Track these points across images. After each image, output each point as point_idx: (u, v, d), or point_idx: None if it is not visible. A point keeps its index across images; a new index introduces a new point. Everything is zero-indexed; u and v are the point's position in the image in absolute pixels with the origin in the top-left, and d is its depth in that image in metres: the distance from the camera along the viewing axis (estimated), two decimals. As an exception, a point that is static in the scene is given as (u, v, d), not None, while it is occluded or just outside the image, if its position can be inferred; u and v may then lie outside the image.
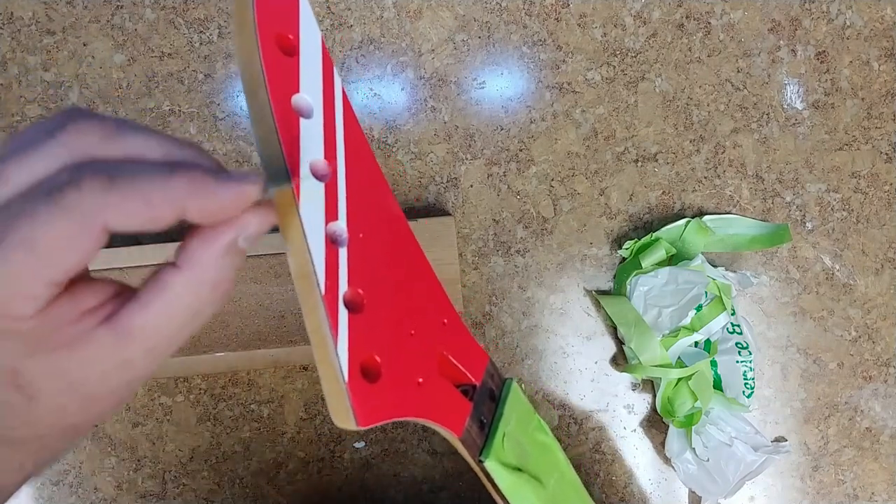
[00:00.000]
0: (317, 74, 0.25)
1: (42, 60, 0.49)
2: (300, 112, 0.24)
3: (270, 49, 0.24)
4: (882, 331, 0.52)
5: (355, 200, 0.25)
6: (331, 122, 0.25)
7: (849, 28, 0.52)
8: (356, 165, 0.26)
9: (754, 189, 0.52)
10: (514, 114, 0.51)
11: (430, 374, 0.26)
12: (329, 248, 0.24)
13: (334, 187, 0.25)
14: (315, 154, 0.24)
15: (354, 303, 0.25)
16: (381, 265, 0.26)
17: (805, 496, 0.52)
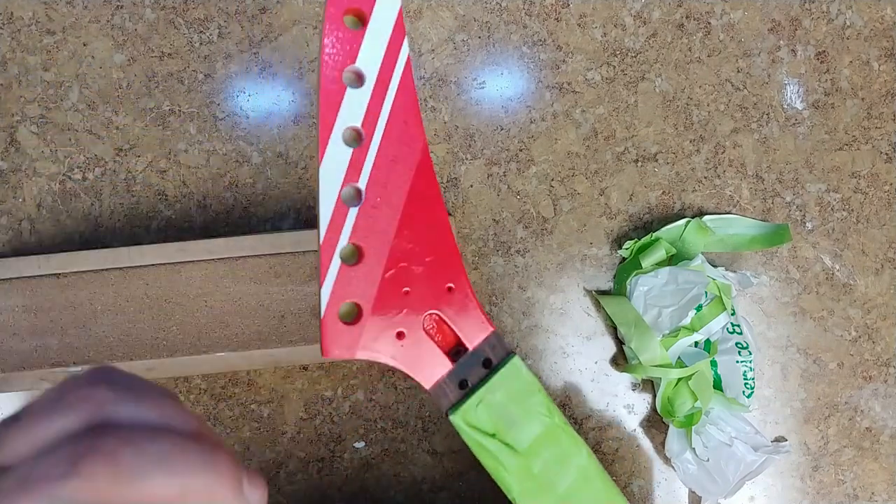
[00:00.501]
0: (381, 47, 0.27)
1: (42, 60, 0.49)
2: (349, 82, 0.27)
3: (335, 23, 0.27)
4: (882, 331, 0.52)
5: (385, 166, 0.28)
6: (381, 92, 0.28)
7: (849, 28, 0.52)
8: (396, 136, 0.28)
9: (754, 189, 0.52)
10: (514, 114, 0.51)
11: (412, 329, 0.29)
12: (339, 206, 0.27)
13: (364, 153, 0.28)
14: (352, 121, 0.27)
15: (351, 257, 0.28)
16: (392, 228, 0.28)
17: (805, 496, 0.52)
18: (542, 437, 0.31)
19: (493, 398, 0.30)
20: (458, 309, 0.30)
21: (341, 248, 0.28)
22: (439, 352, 0.30)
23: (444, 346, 0.30)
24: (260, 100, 0.50)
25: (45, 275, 0.45)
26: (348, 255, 0.28)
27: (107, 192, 0.50)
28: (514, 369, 0.31)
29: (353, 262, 0.28)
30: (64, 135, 0.49)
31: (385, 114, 0.28)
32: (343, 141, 0.28)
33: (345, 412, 0.50)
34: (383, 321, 0.29)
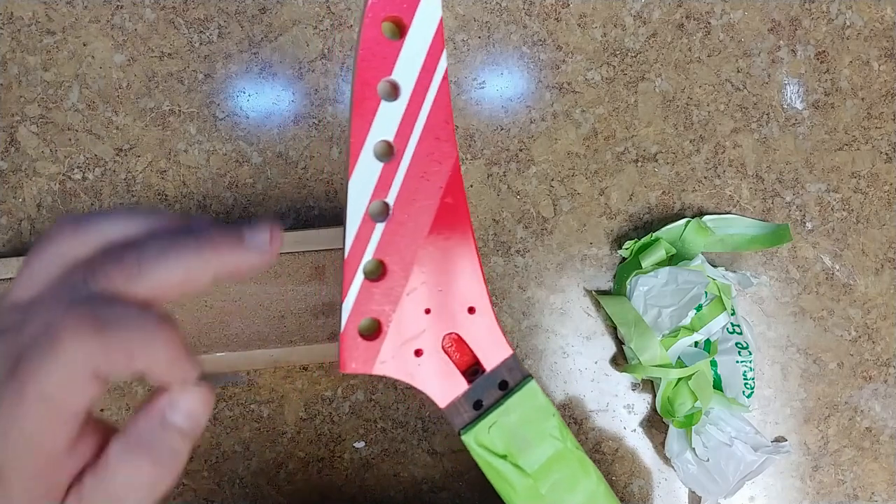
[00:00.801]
0: (419, 59, 0.27)
1: (42, 60, 0.49)
2: (384, 95, 0.27)
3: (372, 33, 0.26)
4: (882, 331, 0.52)
5: (414, 182, 0.28)
6: (416, 106, 0.27)
7: (849, 28, 0.52)
8: (429, 151, 0.28)
9: (754, 189, 0.52)
10: (514, 114, 0.51)
11: (431, 347, 0.29)
12: (365, 221, 0.27)
13: (394, 168, 0.27)
14: (385, 135, 0.27)
15: (375, 272, 0.28)
16: (418, 245, 0.28)
17: (805, 496, 0.52)
18: (553, 460, 0.31)
19: (507, 420, 0.30)
20: (479, 330, 0.30)
21: (365, 262, 0.28)
22: (456, 371, 0.30)
23: (461, 365, 0.30)
24: (260, 100, 0.50)
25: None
26: (372, 270, 0.28)
27: (107, 192, 0.50)
28: (530, 392, 0.30)
29: (376, 278, 0.28)
30: (64, 135, 0.50)
31: (419, 129, 0.27)
32: (374, 155, 0.27)
33: (345, 412, 0.50)
34: (402, 338, 0.29)
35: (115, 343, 0.20)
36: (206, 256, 0.22)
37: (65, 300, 0.20)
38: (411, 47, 0.26)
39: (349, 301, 0.28)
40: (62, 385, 0.19)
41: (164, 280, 0.21)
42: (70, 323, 0.19)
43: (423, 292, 0.29)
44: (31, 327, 0.20)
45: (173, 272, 0.21)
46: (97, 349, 0.19)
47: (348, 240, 0.28)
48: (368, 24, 0.26)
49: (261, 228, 0.23)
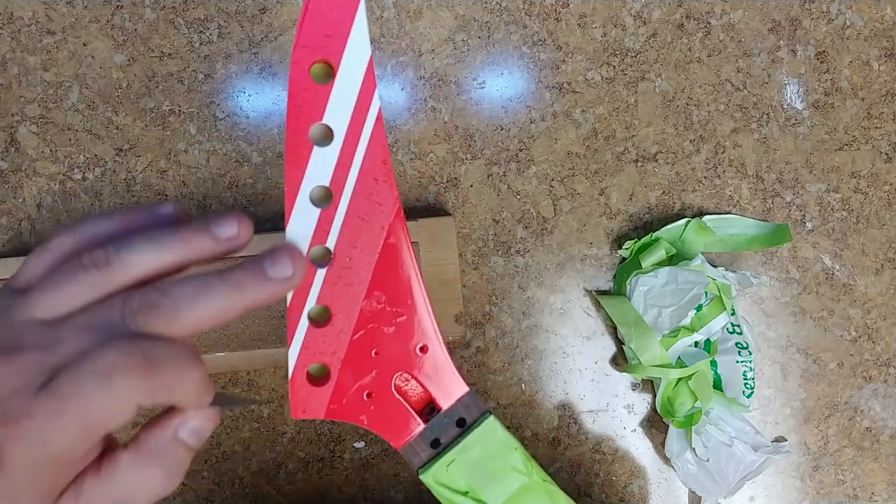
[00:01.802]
0: (350, 101, 0.26)
1: (42, 60, 0.49)
2: (316, 140, 0.26)
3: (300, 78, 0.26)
4: (882, 331, 0.52)
5: (354, 226, 0.27)
6: (350, 149, 0.26)
7: (849, 28, 0.52)
8: (367, 193, 0.27)
9: (754, 189, 0.52)
10: (514, 114, 0.51)
11: (381, 390, 0.29)
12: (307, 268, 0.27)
13: (332, 212, 0.27)
14: (320, 180, 0.26)
15: (320, 317, 0.28)
16: (362, 289, 0.28)
17: (805, 496, 0.52)
18: (519, 493, 0.30)
19: (467, 457, 0.30)
20: (431, 370, 0.29)
21: (309, 308, 0.28)
22: (411, 412, 0.29)
23: (416, 404, 0.30)
24: (260, 100, 0.50)
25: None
26: (316, 315, 0.28)
27: (107, 192, 0.50)
28: (489, 428, 0.30)
29: (322, 323, 0.28)
30: (64, 135, 0.50)
31: (355, 172, 0.27)
32: (311, 201, 0.27)
33: (345, 412, 0.50)
34: (352, 382, 0.29)
35: (161, 381, 0.22)
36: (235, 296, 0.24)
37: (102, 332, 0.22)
38: (341, 90, 0.26)
39: (295, 348, 0.28)
40: (105, 412, 0.21)
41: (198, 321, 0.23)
42: (120, 358, 0.21)
43: (371, 334, 0.28)
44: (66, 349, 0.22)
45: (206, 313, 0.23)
46: (145, 386, 0.22)
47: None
48: (295, 69, 0.26)
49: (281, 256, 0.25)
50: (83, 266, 0.23)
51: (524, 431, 0.51)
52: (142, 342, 0.22)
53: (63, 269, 0.23)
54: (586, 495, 0.51)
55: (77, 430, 0.21)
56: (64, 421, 0.21)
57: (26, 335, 0.22)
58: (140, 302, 0.23)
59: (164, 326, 0.23)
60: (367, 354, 0.28)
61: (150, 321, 0.23)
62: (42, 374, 0.21)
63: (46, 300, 0.23)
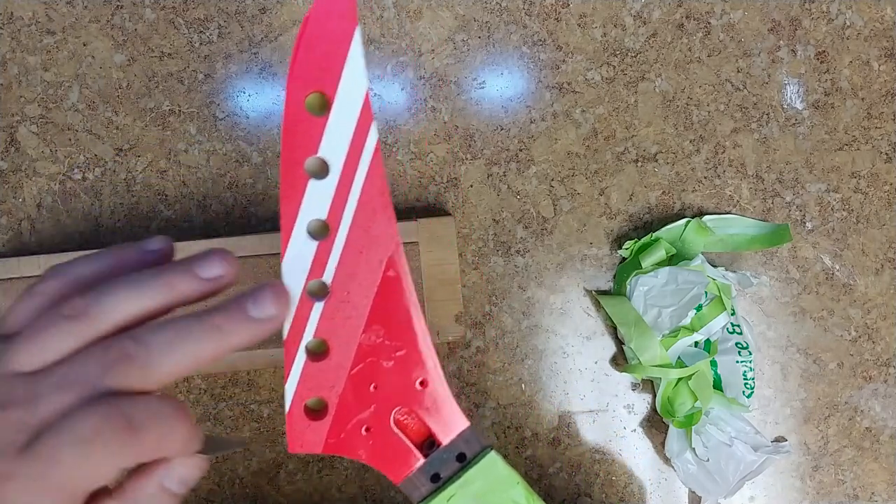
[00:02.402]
0: (347, 134, 0.25)
1: (42, 60, 0.49)
2: (312, 173, 0.26)
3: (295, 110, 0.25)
4: (882, 331, 0.52)
5: (352, 259, 0.27)
6: (347, 182, 0.26)
7: (849, 28, 0.52)
8: (365, 226, 0.26)
9: (754, 189, 0.52)
10: (514, 114, 0.51)
11: (380, 425, 0.28)
12: (303, 301, 0.27)
13: (330, 245, 0.26)
14: (317, 214, 0.26)
15: (317, 351, 0.27)
16: (360, 323, 0.27)
17: (805, 496, 0.52)
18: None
19: (467, 491, 0.29)
20: (431, 404, 0.29)
21: (306, 342, 0.27)
22: (410, 446, 0.29)
23: (416, 438, 0.29)
24: (260, 100, 0.50)
25: (45, 275, 0.45)
26: (314, 349, 0.28)
27: (107, 192, 0.50)
28: (490, 463, 0.29)
29: (319, 357, 0.27)
30: (64, 135, 0.50)
31: (352, 205, 0.26)
32: (307, 234, 0.26)
33: (345, 412, 0.50)
34: (350, 417, 0.28)
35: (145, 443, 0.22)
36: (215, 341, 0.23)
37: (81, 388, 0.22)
38: (337, 122, 0.25)
39: (292, 382, 0.27)
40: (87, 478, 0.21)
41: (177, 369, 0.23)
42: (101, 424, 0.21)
43: (370, 369, 0.28)
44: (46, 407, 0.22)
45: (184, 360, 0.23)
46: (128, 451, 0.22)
47: (286, 323, 0.27)
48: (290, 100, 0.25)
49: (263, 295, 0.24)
50: (63, 315, 0.23)
51: (524, 431, 0.51)
52: (123, 403, 0.22)
53: (45, 317, 0.23)
54: (586, 495, 0.51)
55: (58, 494, 0.21)
56: (46, 485, 0.21)
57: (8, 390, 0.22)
58: (116, 353, 0.22)
59: (141, 378, 0.22)
60: (365, 388, 0.28)
61: (127, 373, 0.22)
62: (23, 432, 0.21)
63: (27, 351, 0.23)
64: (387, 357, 0.28)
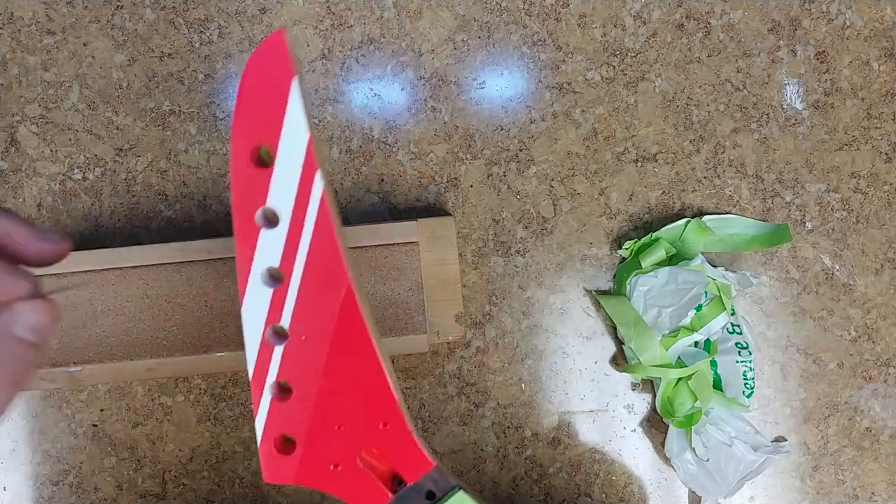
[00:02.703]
0: (292, 184, 0.26)
1: (42, 60, 0.49)
2: (262, 223, 0.26)
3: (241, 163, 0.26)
4: (882, 331, 0.52)
5: (307, 305, 0.27)
6: (297, 231, 0.26)
7: (849, 28, 0.52)
8: (317, 274, 0.27)
9: (754, 189, 0.52)
10: (514, 114, 0.51)
11: (347, 462, 0.29)
12: (263, 345, 0.27)
13: (284, 293, 0.27)
14: (270, 262, 0.27)
15: (281, 391, 0.28)
16: (320, 366, 0.28)
17: (805, 496, 0.52)
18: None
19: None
20: (396, 445, 0.29)
21: (269, 383, 0.28)
22: (377, 483, 0.29)
23: (384, 475, 0.30)
24: (260, 100, 0.50)
25: (45, 275, 0.45)
26: (278, 391, 0.28)
27: (107, 192, 0.50)
28: (460, 500, 0.30)
29: (284, 398, 0.28)
30: (64, 135, 0.50)
31: (303, 253, 0.27)
32: (262, 282, 0.27)
33: (345, 412, 0.50)
34: (318, 454, 0.29)
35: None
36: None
37: None
38: (282, 173, 0.26)
39: (260, 419, 0.28)
40: None
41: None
42: None
43: (333, 409, 0.28)
44: None
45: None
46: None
47: (249, 363, 0.28)
48: (235, 155, 0.26)
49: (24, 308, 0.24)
50: None
51: (524, 431, 0.51)
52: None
53: None
54: (586, 495, 0.51)
55: None
56: None
57: None
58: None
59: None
60: (331, 427, 0.28)
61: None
62: None
63: None
64: (349, 397, 0.28)
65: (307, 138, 0.25)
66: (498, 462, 0.50)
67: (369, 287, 0.46)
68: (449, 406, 0.50)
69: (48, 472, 0.50)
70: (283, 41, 0.25)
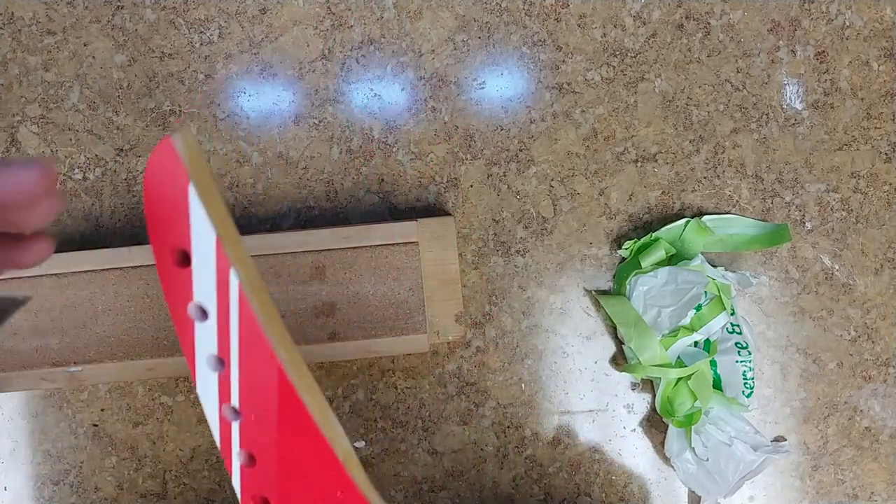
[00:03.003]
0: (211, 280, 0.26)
1: (43, 60, 0.49)
2: (195, 316, 0.27)
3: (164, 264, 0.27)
4: (881, 330, 0.52)
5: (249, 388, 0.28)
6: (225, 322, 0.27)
7: (848, 28, 0.52)
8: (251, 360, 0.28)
9: (754, 189, 0.52)
10: (514, 114, 0.51)
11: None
12: (223, 422, 0.29)
13: (228, 376, 0.28)
14: (209, 350, 0.28)
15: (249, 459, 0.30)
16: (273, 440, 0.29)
17: (805, 496, 0.52)
18: None
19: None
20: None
21: (235, 453, 0.29)
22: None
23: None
24: (260, 100, 0.50)
25: (45, 275, 0.45)
26: (245, 459, 0.30)
27: (107, 192, 0.50)
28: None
29: (251, 465, 0.29)
30: (64, 135, 0.50)
31: (235, 341, 0.27)
32: (208, 366, 0.28)
33: (345, 412, 0.50)
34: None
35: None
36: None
37: None
38: (200, 271, 0.26)
39: (235, 481, 0.30)
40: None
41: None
42: None
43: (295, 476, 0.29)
44: None
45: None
46: None
47: (215, 434, 0.30)
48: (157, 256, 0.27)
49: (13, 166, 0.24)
50: None
51: (524, 431, 0.51)
52: None
53: None
54: (586, 495, 0.51)
55: None
56: None
57: None
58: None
59: None
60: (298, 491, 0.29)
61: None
62: None
63: None
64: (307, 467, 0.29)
65: (213, 239, 0.26)
66: (498, 462, 0.51)
67: (370, 287, 0.46)
68: (449, 406, 0.50)
69: (49, 472, 0.50)
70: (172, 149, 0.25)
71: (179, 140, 0.25)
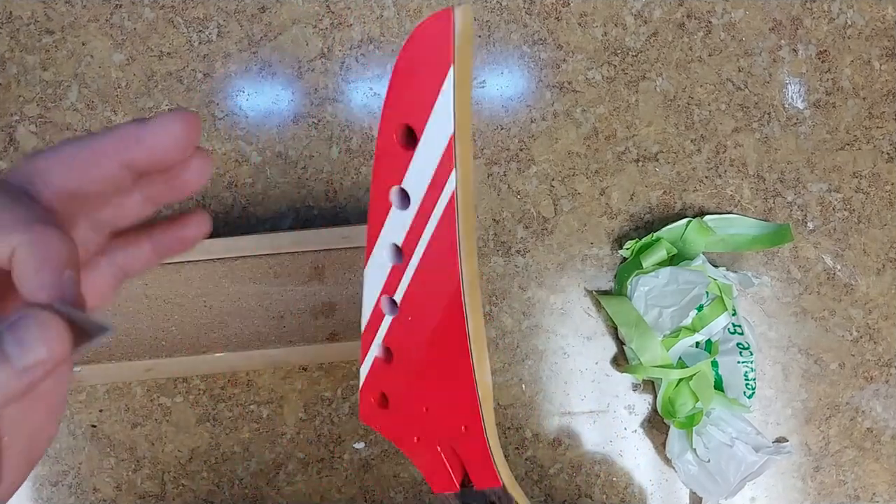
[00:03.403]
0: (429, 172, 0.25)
1: (41, 60, 0.49)
2: (395, 201, 0.27)
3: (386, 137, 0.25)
4: (883, 331, 0.52)
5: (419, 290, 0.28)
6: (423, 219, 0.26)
7: (850, 27, 0.52)
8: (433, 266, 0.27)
9: (755, 189, 0.52)
10: (515, 113, 0.51)
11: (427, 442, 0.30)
12: (376, 311, 0.29)
13: (402, 271, 0.28)
14: (395, 239, 0.27)
15: (385, 354, 0.30)
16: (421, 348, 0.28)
17: (806, 497, 0.52)
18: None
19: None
20: (469, 453, 0.29)
21: (377, 343, 0.29)
22: (449, 472, 0.30)
23: (458, 466, 0.30)
24: (259, 99, 0.50)
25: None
26: (382, 352, 0.30)
27: (106, 191, 0.50)
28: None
29: (387, 360, 0.30)
30: (63, 134, 0.49)
31: (425, 241, 0.26)
32: (386, 254, 0.28)
33: (344, 413, 0.50)
34: (404, 422, 0.30)
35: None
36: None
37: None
38: (421, 160, 0.25)
39: (364, 370, 0.30)
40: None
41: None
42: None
43: (425, 391, 0.29)
44: None
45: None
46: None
47: (363, 319, 0.29)
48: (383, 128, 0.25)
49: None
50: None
51: (525, 432, 0.50)
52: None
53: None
54: (587, 496, 0.51)
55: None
56: None
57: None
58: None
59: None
60: (420, 407, 0.29)
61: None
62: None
63: None
64: (440, 390, 0.29)
65: (450, 134, 0.24)
66: (498, 463, 0.50)
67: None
68: (449, 407, 0.50)
69: (47, 473, 0.49)
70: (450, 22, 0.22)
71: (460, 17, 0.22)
